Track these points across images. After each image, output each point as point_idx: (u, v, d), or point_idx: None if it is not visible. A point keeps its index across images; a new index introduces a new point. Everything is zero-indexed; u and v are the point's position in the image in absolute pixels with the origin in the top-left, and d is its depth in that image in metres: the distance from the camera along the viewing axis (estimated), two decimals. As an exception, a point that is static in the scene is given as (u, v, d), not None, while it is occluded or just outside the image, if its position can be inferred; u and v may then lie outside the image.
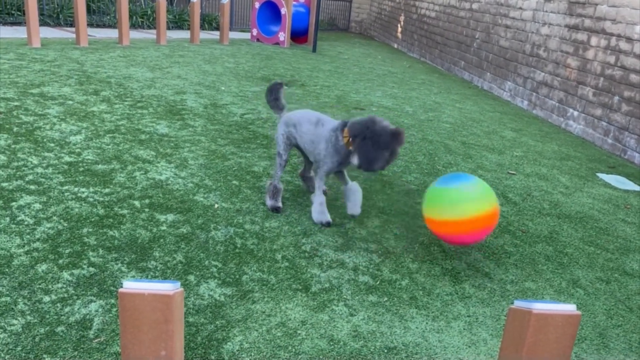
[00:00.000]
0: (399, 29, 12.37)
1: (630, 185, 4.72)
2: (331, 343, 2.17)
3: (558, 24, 6.75)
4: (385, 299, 2.52)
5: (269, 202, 3.24)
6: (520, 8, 7.59)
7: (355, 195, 3.19)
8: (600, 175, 4.89)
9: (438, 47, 10.29)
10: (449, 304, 2.56)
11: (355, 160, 2.84)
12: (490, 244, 3.20)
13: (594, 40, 6.10)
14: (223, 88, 5.97)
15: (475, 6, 8.92)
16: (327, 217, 3.14)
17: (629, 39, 5.55)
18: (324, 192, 3.44)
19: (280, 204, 3.23)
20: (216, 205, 3.18)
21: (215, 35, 10.03)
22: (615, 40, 5.76)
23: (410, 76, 8.75)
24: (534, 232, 3.46)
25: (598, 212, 3.96)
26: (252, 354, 2.05)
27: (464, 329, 2.38)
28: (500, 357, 1.53)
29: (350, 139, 2.85)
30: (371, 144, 2.78)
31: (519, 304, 1.46)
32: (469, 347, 2.26)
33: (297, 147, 3.26)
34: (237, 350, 2.06)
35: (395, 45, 12.49)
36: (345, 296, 2.50)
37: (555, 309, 1.40)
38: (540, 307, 1.39)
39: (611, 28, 5.83)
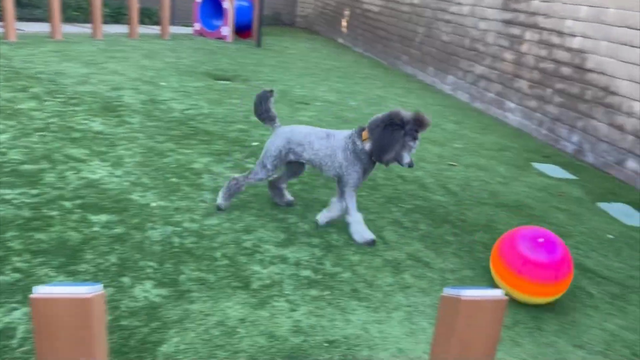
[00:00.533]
0: (344, 24, 12.43)
1: (564, 174, 4.92)
2: (271, 339, 2.14)
3: (494, 19, 6.95)
4: (327, 292, 2.52)
5: (222, 202, 3.10)
6: (459, 3, 7.76)
7: (336, 213, 3.07)
8: (536, 165, 5.07)
9: (382, 42, 10.40)
10: (390, 294, 2.58)
11: (367, 146, 2.81)
12: (430, 234, 3.25)
13: (528, 35, 6.31)
14: (163, 83, 5.81)
15: (416, 1, 9.06)
16: (371, 235, 3.00)
17: (560, 33, 5.78)
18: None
19: (228, 203, 3.14)
20: (153, 204, 3.08)
21: (155, 30, 9.75)
22: (547, 34, 5.99)
23: (354, 70, 8.80)
24: (472, 221, 3.54)
25: (533, 200, 4.10)
26: (189, 355, 2.00)
27: (404, 318, 2.40)
28: (433, 344, 1.54)
29: (369, 134, 2.78)
30: (390, 131, 2.70)
31: (448, 291, 1.47)
32: (409, 336, 2.28)
33: (290, 163, 3.12)
34: (173, 352, 2.00)
35: (341, 40, 12.55)
36: (286, 291, 2.47)
37: (483, 295, 1.42)
38: (468, 293, 1.41)
39: (544, 22, 6.05)
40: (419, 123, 2.73)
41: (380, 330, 2.30)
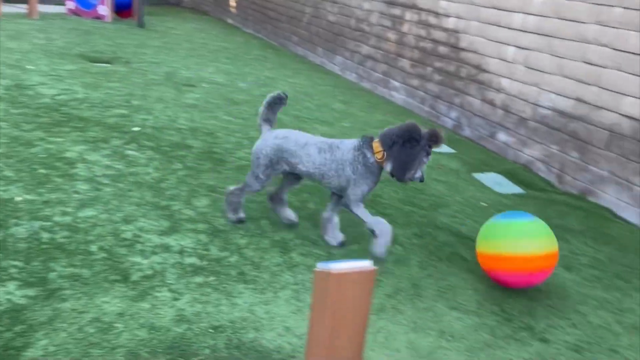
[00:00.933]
0: (233, 4, 12.15)
1: (444, 148, 5.21)
2: (152, 331, 2.05)
3: None
4: (213, 278, 2.46)
5: (232, 216, 2.96)
6: (344, -16, 7.87)
7: (334, 225, 2.95)
8: (419, 140, 5.32)
9: (272, 23, 10.31)
10: (278, 274, 2.58)
11: (388, 167, 2.66)
12: (318, 213, 3.29)
13: (408, 15, 6.56)
14: (30, 67, 5.32)
15: (303, -18, 9.06)
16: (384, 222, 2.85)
17: (436, 14, 6.06)
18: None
19: (243, 215, 2.98)
20: (18, 199, 2.82)
21: (21, 8, 8.89)
22: (425, 14, 6.26)
23: (244, 52, 8.65)
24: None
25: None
26: (60, 356, 1.86)
27: (291, 297, 2.42)
28: (310, 318, 1.56)
29: (385, 150, 2.65)
30: (409, 148, 2.60)
31: (320, 266, 1.49)
32: (295, 313, 2.30)
33: (285, 173, 2.92)
34: (42, 355, 1.85)
35: (230, 21, 12.26)
36: (169, 281, 2.38)
37: (353, 267, 1.45)
38: (338, 267, 1.44)
39: (421, 3, 6.31)
40: (434, 139, 2.64)
41: (267, 311, 2.29)
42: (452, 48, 5.85)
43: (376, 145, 2.70)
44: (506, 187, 4.41)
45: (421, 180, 2.73)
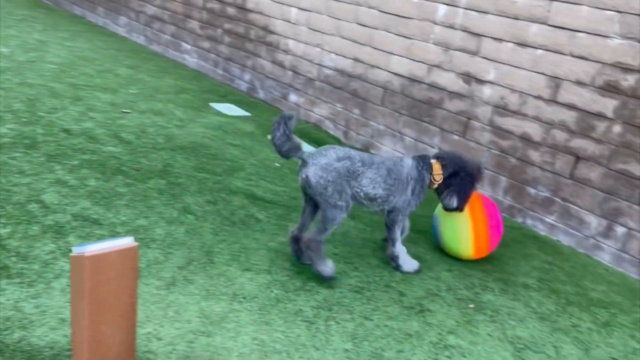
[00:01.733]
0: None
1: (239, 112, 5.19)
2: None
3: (159, -44, 6.69)
4: (-35, 278, 2.10)
5: (327, 269, 2.52)
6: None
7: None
8: (213, 105, 5.21)
9: (40, -22, 9.04)
10: (50, 263, 2.31)
11: (454, 202, 2.67)
12: (100, 189, 3.02)
13: (193, -26, 6.28)
14: None
15: None
16: (417, 263, 2.83)
17: (222, -26, 5.91)
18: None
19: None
20: None
21: None
22: (210, -26, 6.06)
23: (6, 12, 7.46)
24: (147, 169, 3.43)
25: (210, 140, 4.21)
26: None
27: (67, 285, 2.18)
28: (71, 307, 1.41)
29: (445, 176, 2.65)
30: (469, 183, 2.66)
31: (76, 249, 1.34)
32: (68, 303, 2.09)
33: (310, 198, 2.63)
34: None
35: (-13, -25, 10.42)
36: None
37: (110, 247, 1.33)
38: (93, 248, 1.30)
39: (206, -38, 6.09)
40: (480, 175, 2.77)
41: (37, 305, 2.04)
42: (239, 9, 5.78)
43: (437, 167, 2.67)
44: (299, 146, 4.59)
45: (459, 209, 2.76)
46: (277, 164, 4.00)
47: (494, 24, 3.67)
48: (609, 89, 3.19)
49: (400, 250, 2.77)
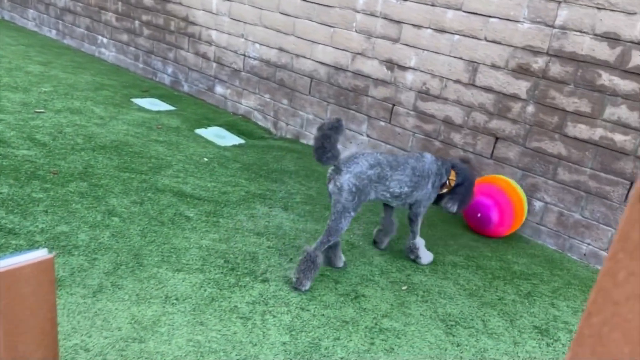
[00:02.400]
0: None
1: (162, 106, 5.03)
2: None
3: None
4: None
5: (308, 285, 2.52)
6: None
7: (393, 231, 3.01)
8: (135, 100, 5.02)
9: None
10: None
11: (455, 207, 2.80)
12: (14, 196, 2.84)
13: (105, -36, 5.98)
14: None
15: None
16: (431, 254, 3.03)
17: (136, -37, 5.66)
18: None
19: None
20: None
21: None
22: (124, -37, 5.79)
23: None
24: (67, 171, 3.26)
25: (133, 137, 4.05)
26: None
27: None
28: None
29: (454, 183, 2.78)
30: (471, 192, 2.84)
31: (-17, 268, 1.25)
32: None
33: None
34: None
35: None
36: None
37: (23, 261, 1.25)
38: (4, 264, 1.22)
39: (118, -49, 5.81)
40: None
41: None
42: (157, 0, 5.57)
43: (453, 174, 2.79)
44: (228, 139, 4.51)
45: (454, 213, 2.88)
46: (205, 159, 3.92)
47: (413, 11, 3.75)
48: (521, 71, 3.35)
49: (420, 242, 2.92)
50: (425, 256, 2.94)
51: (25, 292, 1.26)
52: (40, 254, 1.29)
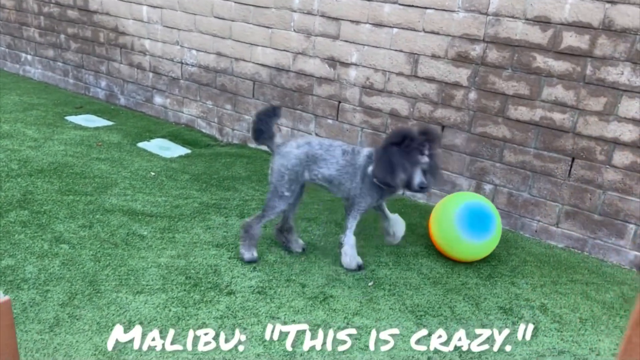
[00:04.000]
0: None
1: (100, 122, 4.82)
2: None
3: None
4: None
5: (248, 255, 2.71)
6: None
7: (399, 226, 2.85)
8: (70, 118, 4.78)
9: None
10: None
11: (369, 169, 2.53)
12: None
13: (22, -23, 5.66)
14: None
15: None
16: (359, 260, 2.79)
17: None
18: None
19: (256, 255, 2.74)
20: None
21: None
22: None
23: None
24: (4, 200, 3.06)
25: (72, 158, 3.86)
26: None
27: None
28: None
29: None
30: (393, 149, 2.42)
31: None
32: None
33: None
34: None
35: None
36: None
37: (-24, 308, 1.15)
38: (-46, 315, 1.12)
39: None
40: (423, 133, 2.44)
41: None
42: (82, 11, 5.33)
43: None
44: (173, 150, 4.38)
45: (422, 186, 2.45)
46: (152, 173, 3.79)
47: (350, 7, 3.76)
48: (461, 59, 3.43)
49: (348, 241, 2.73)
50: (346, 257, 2.74)
51: (-18, 341, 1.16)
52: (-6, 298, 1.19)
